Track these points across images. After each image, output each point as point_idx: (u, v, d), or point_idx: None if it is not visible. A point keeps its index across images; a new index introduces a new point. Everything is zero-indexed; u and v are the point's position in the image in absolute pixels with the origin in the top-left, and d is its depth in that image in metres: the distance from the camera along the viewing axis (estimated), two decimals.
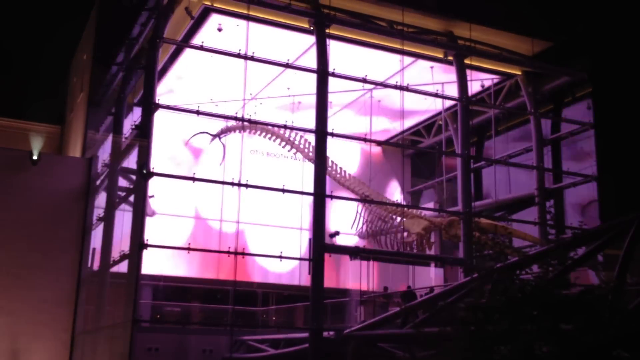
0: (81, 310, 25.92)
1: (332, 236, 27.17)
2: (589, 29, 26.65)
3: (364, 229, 27.22)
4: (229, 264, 24.49)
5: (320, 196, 22.49)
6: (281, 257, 22.97)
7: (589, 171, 27.27)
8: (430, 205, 31.93)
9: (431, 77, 27.31)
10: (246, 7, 22.88)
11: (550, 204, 27.28)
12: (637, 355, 10.38)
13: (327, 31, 23.75)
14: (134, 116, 24.34)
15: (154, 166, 21.14)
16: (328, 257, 22.62)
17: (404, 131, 30.84)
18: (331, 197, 22.97)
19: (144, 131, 21.97)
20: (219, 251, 24.54)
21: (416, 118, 31.61)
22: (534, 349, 10.69)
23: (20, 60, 37.68)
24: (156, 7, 22.85)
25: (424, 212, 27.75)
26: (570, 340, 10.38)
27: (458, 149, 26.96)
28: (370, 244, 27.25)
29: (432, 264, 27.77)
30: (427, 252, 26.68)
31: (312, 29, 23.74)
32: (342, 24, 24.19)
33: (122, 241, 22.85)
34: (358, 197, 26.57)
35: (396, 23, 24.85)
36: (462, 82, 25.78)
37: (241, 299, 26.22)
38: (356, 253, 24.21)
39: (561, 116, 29.26)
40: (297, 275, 29.64)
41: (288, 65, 24.53)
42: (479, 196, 30.41)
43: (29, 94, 36.63)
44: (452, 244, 28.13)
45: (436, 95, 26.74)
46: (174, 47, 25.27)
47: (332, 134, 23.34)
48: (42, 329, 25.16)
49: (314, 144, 23.78)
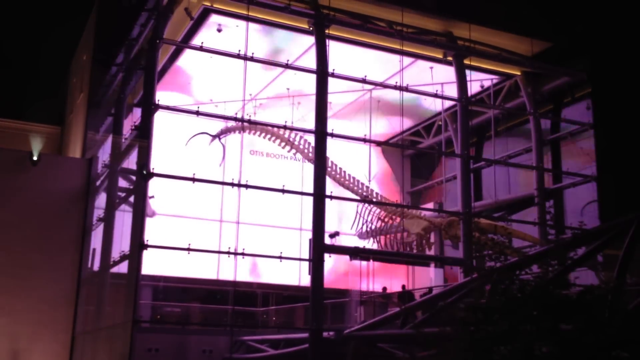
0: (81, 311, 25.88)
1: (331, 237, 27.16)
2: (588, 29, 26.63)
3: (363, 229, 27.22)
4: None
5: (320, 196, 22.50)
6: (281, 257, 22.96)
7: (589, 171, 27.29)
8: (430, 205, 31.93)
9: (431, 77, 27.33)
10: (246, 8, 22.88)
11: (550, 204, 27.29)
12: (637, 356, 10.40)
13: (327, 32, 23.76)
14: (134, 117, 24.36)
15: (153, 167, 21.16)
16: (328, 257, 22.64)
17: (403, 131, 30.86)
18: (331, 197, 22.98)
19: (143, 132, 21.97)
20: (219, 251, 24.56)
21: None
22: (534, 349, 10.71)
23: (20, 60, 37.68)
24: (156, 8, 22.84)
25: (423, 212, 27.77)
26: (570, 341, 10.39)
27: (457, 149, 26.96)
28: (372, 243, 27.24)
29: (432, 264, 27.78)
30: (427, 252, 26.69)
31: (311, 29, 23.76)
32: (342, 25, 24.19)
33: (122, 241, 22.86)
34: (358, 197, 26.56)
35: (395, 23, 24.83)
36: (461, 82, 25.78)
37: (241, 299, 26.24)
38: (356, 253, 24.21)
39: (561, 116, 29.25)
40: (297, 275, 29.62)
41: (288, 66, 24.56)
42: (478, 196, 30.41)
43: (28, 94, 36.59)
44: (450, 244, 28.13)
45: (435, 96, 26.76)
46: (173, 48, 25.29)
47: (332, 135, 23.36)
48: (42, 329, 25.13)
49: (313, 144, 23.80)
